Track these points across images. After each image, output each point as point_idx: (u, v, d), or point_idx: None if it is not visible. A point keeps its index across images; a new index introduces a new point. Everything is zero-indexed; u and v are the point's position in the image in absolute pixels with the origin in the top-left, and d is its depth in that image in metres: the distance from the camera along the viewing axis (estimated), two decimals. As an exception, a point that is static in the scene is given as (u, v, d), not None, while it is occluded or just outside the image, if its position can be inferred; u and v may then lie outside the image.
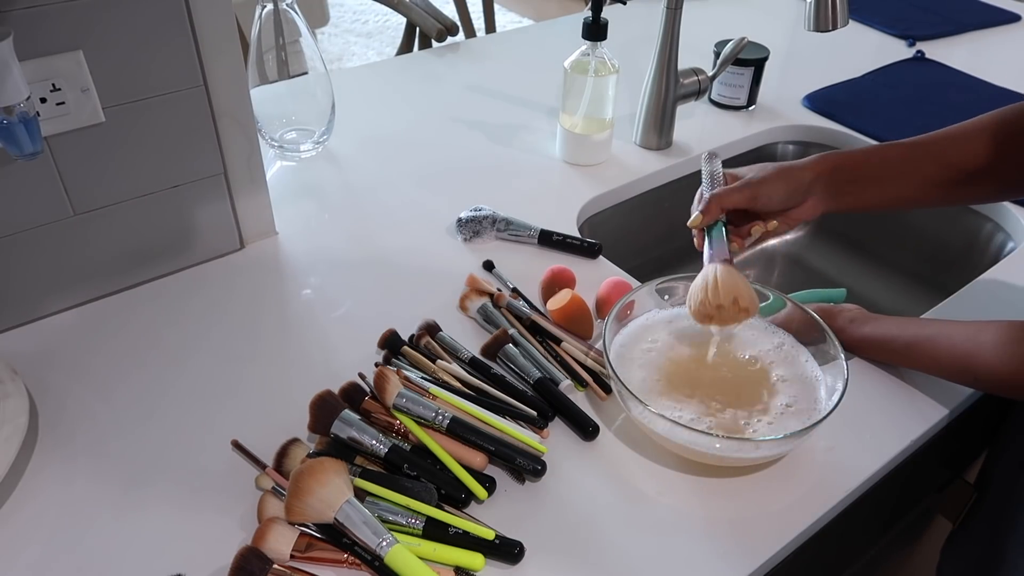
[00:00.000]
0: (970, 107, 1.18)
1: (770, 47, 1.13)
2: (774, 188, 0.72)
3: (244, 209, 0.83)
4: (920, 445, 0.68)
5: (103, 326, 0.75)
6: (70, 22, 0.64)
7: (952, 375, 0.67)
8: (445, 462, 0.61)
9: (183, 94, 0.73)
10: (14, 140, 0.59)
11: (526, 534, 0.57)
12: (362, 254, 0.86)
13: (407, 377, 0.66)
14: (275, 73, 0.96)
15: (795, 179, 0.72)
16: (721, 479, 0.63)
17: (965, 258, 1.04)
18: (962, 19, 1.49)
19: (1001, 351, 0.61)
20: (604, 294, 0.78)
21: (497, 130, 1.09)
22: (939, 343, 0.66)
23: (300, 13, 0.94)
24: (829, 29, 0.83)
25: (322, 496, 0.55)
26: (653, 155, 1.05)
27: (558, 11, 3.64)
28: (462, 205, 0.91)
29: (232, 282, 0.81)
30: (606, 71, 0.95)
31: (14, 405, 0.63)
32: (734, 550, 0.58)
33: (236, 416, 0.67)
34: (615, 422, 0.68)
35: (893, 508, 0.87)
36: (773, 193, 0.72)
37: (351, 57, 3.51)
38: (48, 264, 0.73)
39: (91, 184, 0.72)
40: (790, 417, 0.63)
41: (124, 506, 0.60)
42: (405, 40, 1.86)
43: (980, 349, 0.62)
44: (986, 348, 0.62)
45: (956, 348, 0.64)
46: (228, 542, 0.56)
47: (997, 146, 0.71)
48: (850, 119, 1.14)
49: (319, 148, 1.02)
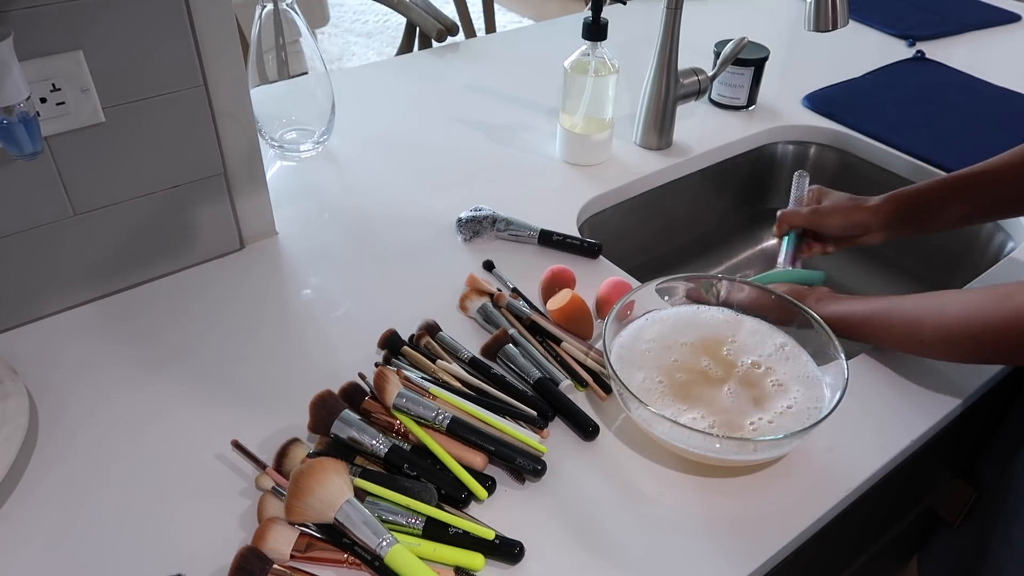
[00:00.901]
0: (970, 107, 1.19)
1: (770, 47, 1.13)
2: (833, 220, 0.83)
3: (244, 209, 0.83)
4: (920, 445, 0.68)
5: (103, 326, 0.75)
6: (70, 22, 0.64)
7: (901, 341, 0.69)
8: (445, 462, 0.61)
9: (183, 94, 0.73)
10: (14, 140, 0.59)
11: (526, 534, 0.57)
12: (362, 254, 0.86)
13: (407, 377, 0.66)
14: (275, 73, 0.96)
15: (855, 217, 0.82)
16: (721, 479, 0.63)
17: (965, 258, 1.04)
18: (962, 19, 1.49)
19: (946, 312, 0.65)
20: (604, 294, 0.78)
21: (497, 130, 1.09)
22: (892, 313, 0.69)
23: (300, 13, 0.94)
24: (829, 29, 0.83)
25: (322, 496, 0.55)
26: (653, 155, 1.05)
27: (558, 11, 3.64)
28: (462, 205, 0.91)
29: (232, 282, 0.81)
30: (606, 71, 0.95)
31: (14, 405, 0.63)
32: (734, 550, 0.58)
33: (236, 416, 0.67)
34: (615, 422, 0.68)
35: (893, 508, 0.87)
36: (831, 224, 0.84)
37: (351, 57, 3.51)
38: (48, 264, 0.73)
39: (91, 184, 0.72)
40: (790, 417, 0.63)
41: (124, 506, 0.60)
42: (405, 40, 1.86)
43: (927, 314, 0.66)
44: (932, 312, 0.66)
45: (906, 314, 0.68)
46: (228, 542, 0.56)
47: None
48: (850, 119, 1.14)
49: (319, 148, 1.02)
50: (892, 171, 1.09)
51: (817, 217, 0.84)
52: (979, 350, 0.64)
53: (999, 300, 0.61)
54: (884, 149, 1.09)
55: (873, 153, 1.10)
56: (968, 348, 0.65)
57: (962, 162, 1.03)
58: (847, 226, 0.82)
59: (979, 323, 0.62)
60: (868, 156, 1.11)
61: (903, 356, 0.74)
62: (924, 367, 0.73)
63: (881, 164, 1.10)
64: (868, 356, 0.75)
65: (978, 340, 0.63)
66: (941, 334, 0.65)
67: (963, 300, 0.64)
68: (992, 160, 0.78)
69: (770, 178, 1.19)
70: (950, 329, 0.64)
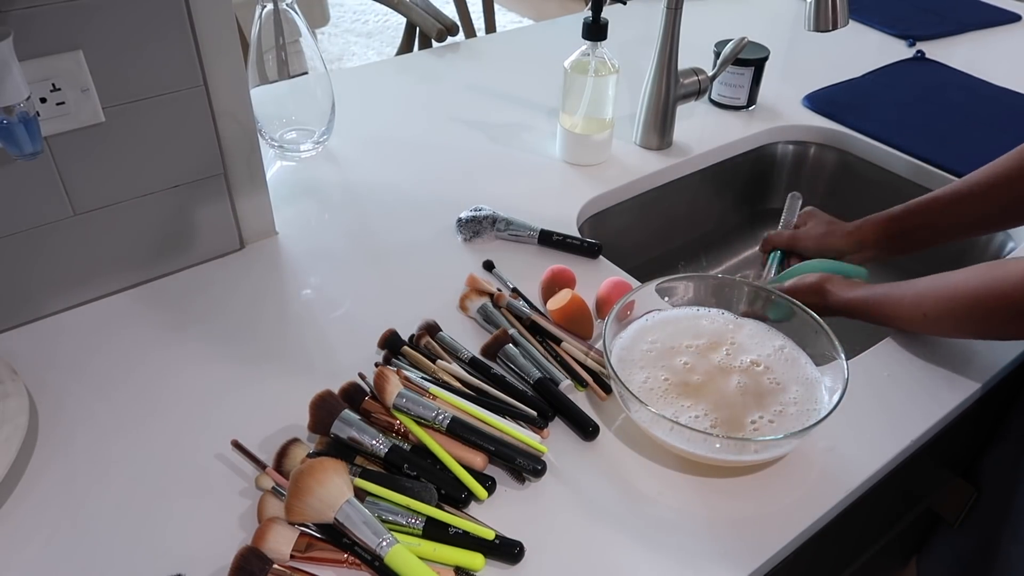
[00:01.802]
0: (970, 107, 1.19)
1: (770, 47, 1.13)
2: (808, 245, 0.89)
3: (244, 209, 0.83)
4: (920, 445, 0.68)
5: (103, 326, 0.75)
6: (70, 22, 0.64)
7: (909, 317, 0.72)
8: (445, 462, 0.61)
9: (183, 94, 0.73)
10: (14, 140, 0.59)
11: (526, 534, 0.57)
12: (362, 254, 0.86)
13: (407, 377, 0.66)
14: (275, 73, 0.96)
15: (829, 242, 0.87)
16: (721, 479, 0.63)
17: (965, 258, 1.04)
18: (962, 19, 1.49)
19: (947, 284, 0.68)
20: (604, 294, 0.78)
21: (497, 130, 1.09)
22: (904, 290, 0.72)
23: (300, 13, 0.94)
24: (829, 29, 0.83)
25: (322, 496, 0.55)
26: (653, 155, 1.05)
27: (558, 11, 3.64)
28: (462, 205, 0.91)
29: (232, 282, 0.81)
30: (606, 71, 0.95)
31: (14, 405, 0.63)
32: (734, 550, 0.58)
33: (236, 416, 0.67)
34: (615, 422, 0.68)
35: (893, 508, 0.87)
36: (807, 249, 0.89)
37: (351, 57, 3.51)
38: (48, 264, 0.73)
39: (91, 184, 0.72)
40: (790, 417, 0.63)
41: (124, 506, 0.60)
42: (405, 40, 1.86)
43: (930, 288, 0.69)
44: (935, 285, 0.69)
45: (914, 289, 0.71)
46: (228, 542, 0.56)
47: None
48: (850, 119, 1.14)
49: (319, 148, 1.02)
50: (892, 171, 1.09)
51: (795, 242, 0.90)
52: (971, 318, 0.67)
53: (989, 268, 0.65)
54: (884, 149, 1.09)
55: (873, 153, 1.10)
56: (962, 318, 0.68)
57: (962, 162, 1.03)
58: (821, 251, 0.87)
59: (970, 292, 0.65)
60: (868, 156, 1.11)
61: (902, 356, 0.74)
62: (924, 367, 0.73)
63: (881, 164, 1.10)
64: (868, 356, 0.75)
65: (969, 309, 0.66)
66: (941, 306, 0.68)
67: (961, 272, 0.68)
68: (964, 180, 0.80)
69: (770, 178, 1.19)
70: (946, 299, 0.68)
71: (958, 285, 0.67)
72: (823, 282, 0.77)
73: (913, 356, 0.74)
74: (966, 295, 0.66)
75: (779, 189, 1.19)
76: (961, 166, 1.03)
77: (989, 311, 0.64)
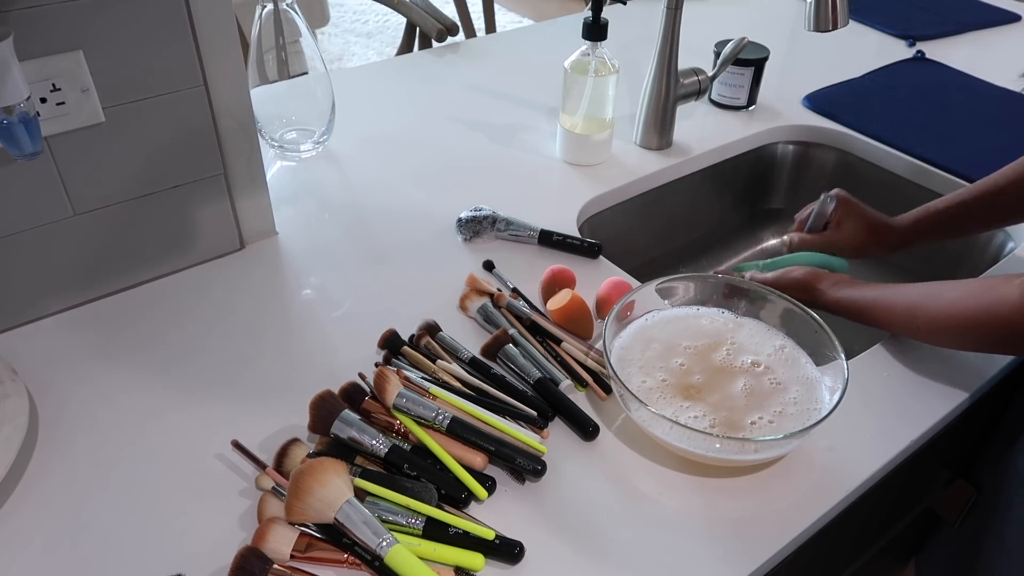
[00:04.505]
0: (970, 107, 1.19)
1: (770, 47, 1.13)
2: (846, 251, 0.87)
3: (244, 209, 0.83)
4: (920, 445, 0.68)
5: (103, 326, 0.75)
6: (70, 22, 0.64)
7: (901, 326, 0.72)
8: (445, 462, 0.61)
9: (183, 94, 0.73)
10: (14, 140, 0.59)
11: (526, 534, 0.57)
12: (362, 254, 0.86)
13: (407, 377, 0.66)
14: (275, 73, 0.96)
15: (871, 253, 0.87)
16: (721, 479, 0.63)
17: (965, 258, 1.04)
18: (962, 19, 1.49)
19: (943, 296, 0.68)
20: (604, 294, 0.78)
21: (497, 130, 1.09)
22: (895, 298, 0.71)
23: (300, 13, 0.94)
24: (829, 29, 0.83)
25: (322, 496, 0.55)
26: (653, 155, 1.05)
27: (558, 11, 3.63)
28: (462, 205, 0.91)
29: (232, 282, 0.81)
30: (606, 71, 0.95)
31: (14, 405, 0.63)
32: (734, 550, 0.58)
33: (236, 416, 0.67)
34: (615, 422, 0.68)
35: (893, 508, 0.87)
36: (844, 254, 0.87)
37: (351, 57, 3.50)
38: (48, 264, 0.73)
39: (91, 184, 0.72)
40: (790, 417, 0.63)
41: (124, 506, 0.60)
42: (405, 40, 1.85)
43: (923, 301, 0.69)
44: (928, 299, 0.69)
45: (906, 300, 0.71)
46: (228, 542, 0.56)
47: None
48: (850, 119, 1.14)
49: (319, 148, 1.02)
50: (892, 171, 1.09)
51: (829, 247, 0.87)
52: (966, 338, 0.67)
53: (983, 290, 0.64)
54: (884, 149, 1.09)
55: (873, 153, 1.10)
56: (957, 335, 0.68)
57: (962, 162, 1.03)
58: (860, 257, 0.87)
59: (965, 312, 0.65)
60: (868, 156, 1.11)
61: (901, 356, 0.74)
62: (924, 367, 0.73)
63: (881, 164, 1.10)
64: (867, 356, 0.75)
65: (964, 329, 0.66)
66: (934, 321, 0.68)
67: (955, 289, 0.67)
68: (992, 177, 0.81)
69: (770, 178, 1.19)
70: (942, 318, 0.68)
71: (952, 305, 0.66)
72: (811, 279, 0.77)
73: (913, 356, 0.74)
74: (960, 317, 0.66)
75: (779, 189, 1.19)
76: (961, 166, 1.03)
77: (984, 334, 0.65)
